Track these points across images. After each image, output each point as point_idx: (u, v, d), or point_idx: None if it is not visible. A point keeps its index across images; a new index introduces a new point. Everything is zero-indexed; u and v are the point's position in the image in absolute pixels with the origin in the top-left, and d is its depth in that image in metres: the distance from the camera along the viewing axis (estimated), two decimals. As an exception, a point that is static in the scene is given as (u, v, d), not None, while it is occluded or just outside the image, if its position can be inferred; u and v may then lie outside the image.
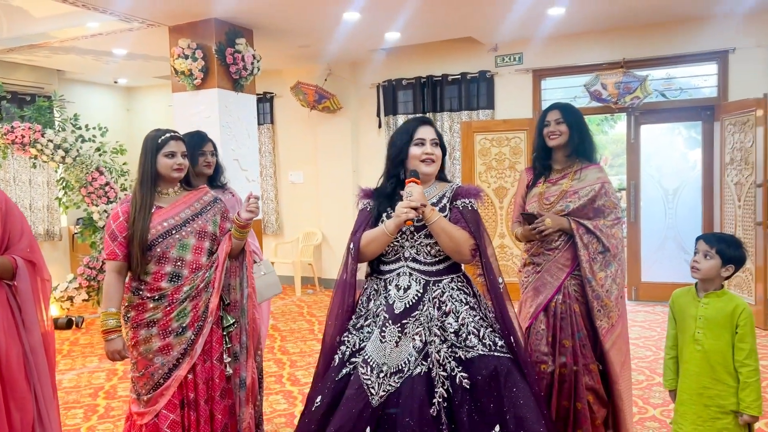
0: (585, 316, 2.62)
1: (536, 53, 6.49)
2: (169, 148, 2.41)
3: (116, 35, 5.80)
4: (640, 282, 6.40)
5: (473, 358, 2.01)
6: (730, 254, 2.19)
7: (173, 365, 2.35)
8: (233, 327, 2.48)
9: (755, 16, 5.59)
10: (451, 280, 2.16)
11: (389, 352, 2.03)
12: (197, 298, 2.38)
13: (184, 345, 2.35)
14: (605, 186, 2.68)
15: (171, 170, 2.41)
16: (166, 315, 2.34)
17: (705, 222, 6.09)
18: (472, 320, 2.08)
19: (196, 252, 2.41)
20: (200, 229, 2.43)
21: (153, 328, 2.34)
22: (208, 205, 2.51)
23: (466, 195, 2.19)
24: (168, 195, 2.46)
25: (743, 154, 5.42)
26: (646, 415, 3.46)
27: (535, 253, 2.72)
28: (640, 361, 4.44)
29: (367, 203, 2.28)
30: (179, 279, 2.37)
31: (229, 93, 5.50)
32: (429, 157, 2.18)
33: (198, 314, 2.38)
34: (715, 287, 2.22)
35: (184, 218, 2.42)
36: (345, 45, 6.39)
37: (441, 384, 1.98)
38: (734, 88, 5.78)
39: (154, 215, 2.38)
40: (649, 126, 6.38)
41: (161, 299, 2.35)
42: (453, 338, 2.04)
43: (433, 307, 2.08)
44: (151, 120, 8.41)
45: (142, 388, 2.35)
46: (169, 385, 2.33)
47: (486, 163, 6.50)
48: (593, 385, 2.58)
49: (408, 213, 2.04)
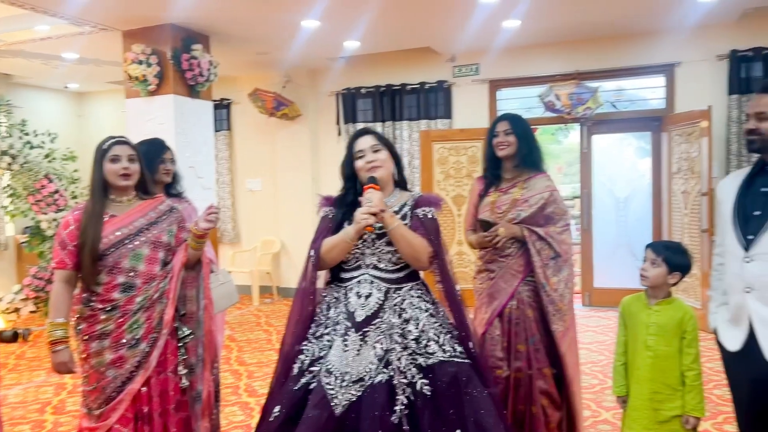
0: (538, 321, 2.68)
1: (492, 64, 6.61)
2: (113, 152, 2.33)
3: (67, 39, 5.65)
4: (592, 288, 6.56)
5: (433, 364, 2.02)
6: (676, 261, 2.27)
7: (126, 378, 2.27)
8: (189, 338, 2.42)
9: (700, 31, 5.82)
10: (411, 288, 2.17)
11: (351, 360, 2.03)
12: (151, 309, 2.31)
13: (137, 357, 2.28)
14: (554, 194, 2.75)
15: (116, 176, 2.33)
16: (118, 327, 2.27)
17: (654, 229, 6.29)
18: (431, 327, 2.09)
19: (150, 262, 2.34)
20: (155, 239, 2.37)
21: (105, 340, 2.27)
22: (164, 214, 2.44)
23: (426, 204, 2.22)
24: (122, 203, 2.39)
25: (689, 164, 5.63)
26: (599, 418, 3.54)
27: (489, 260, 2.77)
28: (593, 366, 4.55)
29: (329, 211, 2.28)
30: (132, 289, 2.30)
31: (184, 99, 5.42)
32: (372, 165, 2.19)
33: (152, 326, 2.31)
34: (664, 294, 2.29)
35: (138, 227, 2.35)
36: (304, 52, 6.38)
37: (402, 391, 1.98)
38: (680, 100, 6.01)
39: (107, 224, 2.31)
40: (600, 136, 6.57)
41: (113, 310, 2.27)
42: (413, 345, 2.05)
43: (394, 314, 2.09)
44: (103, 126, 8.19)
45: (94, 402, 2.27)
46: (122, 399, 2.25)
47: (444, 172, 6.57)
48: (547, 389, 2.63)
49: (368, 219, 2.04)
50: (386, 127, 7.03)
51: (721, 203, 2.23)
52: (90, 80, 7.84)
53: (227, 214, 7.86)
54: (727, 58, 5.73)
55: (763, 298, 2.01)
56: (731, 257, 2.13)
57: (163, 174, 3.00)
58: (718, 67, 5.81)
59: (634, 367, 2.33)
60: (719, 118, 5.65)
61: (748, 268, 2.03)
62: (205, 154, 5.72)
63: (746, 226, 2.07)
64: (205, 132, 5.73)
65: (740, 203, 2.12)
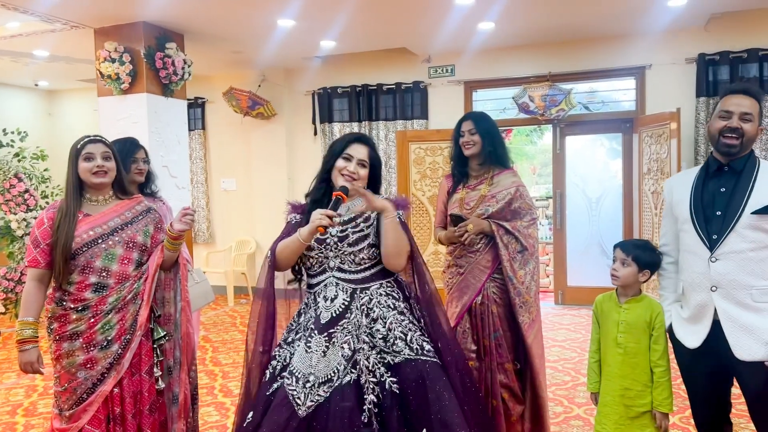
0: (502, 318, 2.75)
1: (468, 66, 6.67)
2: (87, 150, 2.32)
3: (37, 36, 5.55)
4: (566, 286, 6.66)
5: (400, 362, 2.03)
6: (645, 260, 2.32)
7: (97, 380, 2.26)
8: (165, 339, 2.41)
9: (670, 34, 5.96)
10: (380, 286, 2.16)
11: (316, 362, 2.03)
12: (123, 310, 2.30)
13: (109, 359, 2.27)
14: (520, 189, 2.82)
15: (90, 174, 2.31)
16: (90, 327, 2.26)
17: (626, 228, 6.41)
18: (399, 325, 2.09)
19: (123, 263, 2.33)
20: (129, 239, 2.35)
21: (76, 341, 2.26)
22: (141, 214, 2.43)
23: (396, 207, 2.20)
24: (97, 203, 2.38)
25: (659, 165, 5.76)
26: (571, 414, 3.60)
27: (458, 256, 2.83)
28: (565, 363, 4.62)
29: (294, 216, 2.29)
30: (104, 289, 2.29)
31: (158, 98, 5.37)
32: (350, 175, 2.17)
33: (125, 327, 2.30)
34: (634, 292, 2.34)
35: (113, 227, 2.34)
36: (279, 52, 6.37)
37: (371, 391, 1.99)
38: (651, 102, 6.14)
39: (81, 223, 2.30)
40: (573, 137, 6.67)
41: (85, 310, 2.27)
42: (381, 344, 2.06)
43: (362, 314, 2.09)
44: (74, 125, 8.08)
45: (65, 404, 2.25)
46: (93, 400, 2.24)
47: (421, 172, 6.61)
48: (508, 383, 2.71)
49: (322, 219, 2.00)
50: (363, 127, 7.04)
51: (676, 203, 2.25)
52: (61, 78, 7.71)
53: (202, 214, 7.79)
54: (695, 61, 5.87)
55: (729, 296, 2.07)
56: (692, 257, 2.17)
57: (135, 173, 2.98)
58: (686, 70, 5.95)
59: (605, 364, 2.38)
60: (688, 120, 5.78)
61: (714, 267, 2.09)
62: (179, 154, 5.67)
63: (708, 225, 2.12)
64: (179, 131, 5.68)
65: (698, 203, 2.16)
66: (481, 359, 2.71)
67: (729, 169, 2.14)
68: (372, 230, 2.19)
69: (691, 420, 3.40)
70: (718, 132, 2.12)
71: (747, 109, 2.08)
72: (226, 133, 7.69)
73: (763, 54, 5.62)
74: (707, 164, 2.21)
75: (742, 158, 2.12)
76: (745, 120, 2.09)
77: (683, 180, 2.27)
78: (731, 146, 2.09)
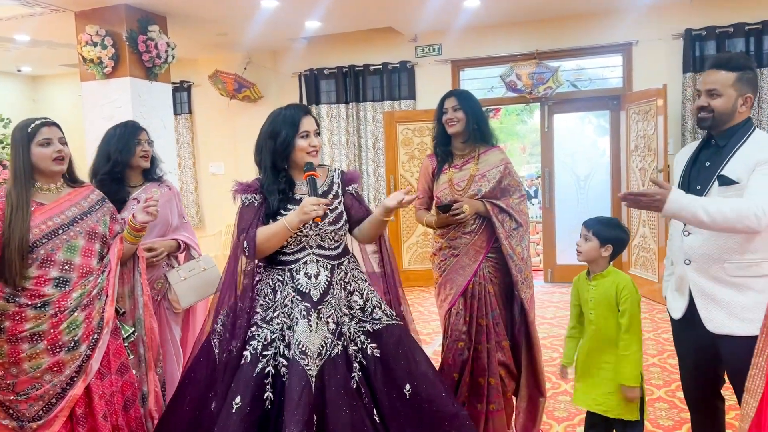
0: (498, 296, 2.77)
1: (454, 44, 6.63)
2: (42, 135, 2.14)
3: (17, 21, 5.45)
4: (555, 264, 6.70)
5: (380, 329, 2.20)
6: (605, 235, 2.31)
7: (67, 384, 2.09)
8: (133, 336, 2.32)
9: (656, 10, 5.93)
10: (348, 261, 2.30)
11: (313, 338, 2.09)
12: (90, 307, 2.15)
13: (78, 361, 2.11)
14: (508, 166, 2.82)
15: (50, 161, 2.15)
16: (53, 327, 2.08)
17: (614, 206, 6.44)
18: (372, 295, 2.28)
19: (86, 255, 2.18)
20: (90, 229, 2.22)
21: (39, 342, 2.06)
22: (96, 204, 2.30)
23: (353, 180, 2.36)
24: (49, 191, 2.20)
25: (646, 141, 5.77)
26: (559, 389, 3.65)
27: (452, 238, 2.81)
28: (554, 340, 4.67)
29: (252, 198, 2.22)
30: (67, 284, 2.12)
31: (142, 82, 5.31)
32: (315, 149, 2.21)
33: (92, 326, 2.15)
34: (601, 268, 2.34)
35: (71, 217, 2.19)
36: (265, 33, 6.30)
37: (355, 358, 2.13)
38: (638, 79, 6.13)
39: (35, 213, 2.12)
40: (561, 115, 6.67)
41: (44, 307, 2.08)
42: (359, 314, 2.21)
43: (341, 289, 2.20)
44: (60, 111, 7.98)
45: (26, 412, 2.05)
46: (65, 405, 2.08)
47: (409, 153, 6.60)
48: (505, 360, 2.74)
49: (318, 210, 2.06)
50: (350, 108, 7.01)
51: (674, 177, 2.31)
52: (44, 63, 7.60)
53: (191, 199, 7.76)
54: (681, 37, 5.86)
55: (700, 269, 2.09)
56: (674, 230, 2.23)
57: (141, 157, 2.79)
58: (673, 45, 5.94)
59: (585, 339, 2.41)
60: (674, 96, 5.79)
61: (686, 240, 2.12)
62: (166, 138, 5.62)
63: None
64: (164, 115, 5.62)
65: (687, 177, 2.19)
66: (471, 339, 2.72)
67: (714, 143, 2.14)
68: (341, 206, 2.29)
69: (677, 393, 3.47)
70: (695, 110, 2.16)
71: (712, 85, 2.07)
72: (213, 117, 7.63)
73: (750, 29, 5.61)
74: (703, 139, 2.23)
75: (726, 132, 2.10)
76: (712, 95, 2.08)
77: (684, 153, 2.29)
78: (702, 121, 2.12)
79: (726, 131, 2.11)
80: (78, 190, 2.29)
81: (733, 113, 2.09)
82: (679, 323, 2.23)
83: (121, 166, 2.75)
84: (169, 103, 5.71)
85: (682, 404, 3.30)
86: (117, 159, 2.72)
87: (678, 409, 3.30)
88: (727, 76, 2.06)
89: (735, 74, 2.06)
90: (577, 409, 3.28)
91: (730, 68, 2.07)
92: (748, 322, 1.98)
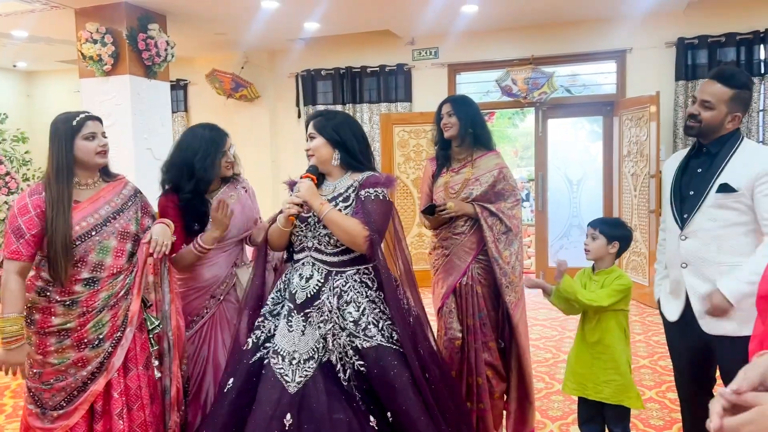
0: (486, 298, 2.82)
1: (451, 48, 6.70)
2: (88, 129, 2.15)
3: (16, 16, 5.46)
4: (547, 267, 6.77)
5: (370, 348, 2.05)
6: (611, 233, 2.44)
7: (88, 379, 2.12)
8: (159, 328, 2.28)
9: (650, 19, 6.03)
10: (356, 272, 2.16)
11: (297, 340, 2.09)
12: (116, 307, 2.16)
13: (100, 357, 2.13)
14: (503, 171, 2.87)
15: (94, 154, 2.16)
16: (81, 326, 2.11)
17: (605, 210, 6.53)
18: (371, 312, 2.11)
19: (117, 255, 2.17)
20: (122, 229, 2.19)
21: (66, 339, 2.11)
22: (129, 200, 2.27)
23: (371, 185, 2.17)
24: (86, 187, 2.19)
25: (639, 147, 5.86)
26: (552, 389, 3.71)
27: (443, 238, 2.88)
28: (546, 341, 4.74)
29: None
30: (96, 284, 2.14)
31: (141, 80, 5.33)
32: (307, 153, 2.25)
33: (116, 324, 2.16)
34: (607, 265, 2.46)
35: (104, 216, 2.17)
36: (263, 33, 6.33)
37: (348, 368, 2.07)
38: (631, 86, 6.23)
39: (74, 211, 2.11)
40: (555, 120, 6.75)
41: (73, 305, 2.10)
42: (352, 327, 2.07)
43: (333, 296, 2.11)
44: (54, 106, 7.91)
45: (49, 401, 2.11)
46: (85, 399, 2.11)
47: (405, 155, 6.66)
48: (492, 361, 2.78)
49: (290, 209, 2.10)
50: (346, 109, 7.05)
51: (664, 183, 2.37)
52: (40, 59, 7.59)
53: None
54: (674, 45, 5.96)
55: (697, 272, 2.16)
56: (669, 235, 2.30)
57: (225, 167, 2.57)
58: (666, 53, 6.04)
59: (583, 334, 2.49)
60: (667, 103, 5.89)
61: (683, 245, 2.18)
62: (163, 136, 5.65)
63: (682, 205, 2.21)
64: (163, 113, 5.65)
65: (678, 183, 2.25)
66: (464, 338, 2.78)
67: (706, 151, 2.20)
68: (350, 211, 2.16)
69: (667, 394, 3.55)
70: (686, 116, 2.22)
71: (707, 97, 2.12)
72: (209, 116, 7.57)
73: (741, 38, 5.73)
74: (692, 146, 2.28)
75: (717, 140, 2.16)
76: (704, 107, 2.13)
77: (674, 160, 2.35)
78: (689, 128, 2.18)
79: (716, 140, 2.16)
80: (111, 184, 2.27)
81: (720, 127, 2.14)
82: (674, 325, 2.29)
83: (205, 184, 2.53)
84: (168, 102, 5.74)
85: (672, 404, 3.39)
86: (202, 177, 2.48)
87: (669, 409, 3.38)
88: (723, 91, 2.11)
89: (732, 91, 2.11)
90: (571, 408, 3.34)
91: (730, 84, 2.11)
92: (742, 324, 2.06)
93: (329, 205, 2.12)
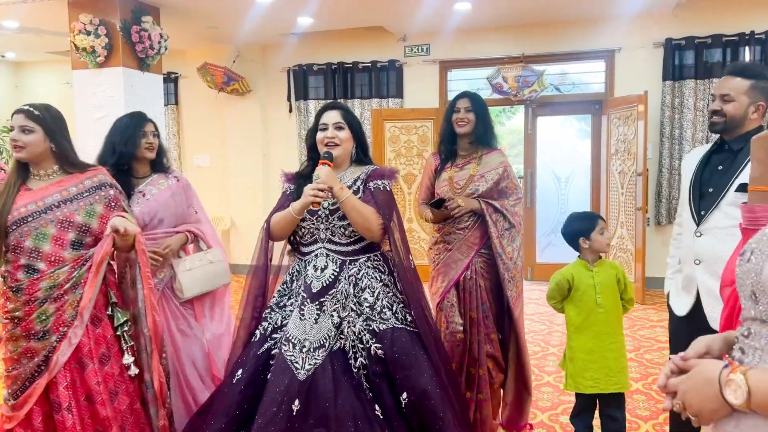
0: (489, 291, 2.88)
1: (443, 45, 6.75)
2: (11, 123, 2.18)
3: (7, 7, 5.41)
4: (535, 263, 6.87)
5: (386, 330, 2.12)
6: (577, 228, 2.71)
7: (35, 371, 2.13)
8: (126, 325, 2.28)
9: (639, 19, 6.13)
10: (368, 259, 2.25)
11: (309, 328, 2.13)
12: (61, 299, 2.14)
13: (45, 351, 2.13)
14: (507, 169, 2.94)
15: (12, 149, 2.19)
16: (26, 315, 2.13)
17: (593, 207, 6.63)
18: (385, 296, 2.19)
19: (57, 243, 2.16)
20: (64, 218, 2.17)
21: (17, 327, 2.14)
22: (88, 191, 2.25)
23: (378, 177, 2.28)
24: (39, 177, 2.23)
25: (626, 146, 5.97)
26: (542, 381, 3.80)
27: (446, 233, 2.93)
28: (535, 335, 4.83)
29: (288, 187, 2.37)
30: (35, 272, 2.14)
31: (134, 72, 5.32)
32: (330, 141, 2.26)
33: (63, 318, 2.14)
34: (597, 257, 2.65)
35: (48, 204, 2.18)
36: (256, 28, 6.34)
37: (359, 355, 2.11)
38: (619, 85, 6.33)
39: (19, 198, 2.16)
40: (544, 118, 6.84)
41: (18, 291, 2.14)
42: (368, 311, 2.14)
43: (349, 284, 2.18)
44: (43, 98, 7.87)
45: (9, 388, 2.16)
46: (32, 392, 2.12)
47: (395, 150, 6.71)
48: (493, 352, 2.85)
49: (315, 195, 2.11)
50: (338, 104, 7.07)
51: (683, 178, 2.37)
52: (29, 49, 7.53)
53: (175, 190, 7.75)
54: (662, 46, 6.07)
55: (710, 270, 2.15)
56: (685, 231, 2.29)
57: (146, 149, 2.75)
58: (654, 54, 6.14)
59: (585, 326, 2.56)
60: (654, 103, 6.00)
61: (698, 241, 2.18)
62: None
63: (700, 202, 2.21)
64: (155, 106, 5.63)
65: (698, 179, 2.25)
66: (466, 331, 2.83)
67: (728, 148, 2.20)
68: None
69: (653, 386, 3.65)
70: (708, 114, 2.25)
71: (726, 91, 2.15)
72: (200, 109, 7.64)
73: (727, 40, 5.84)
74: (714, 142, 2.29)
75: (740, 137, 2.16)
76: (725, 101, 2.15)
77: (694, 156, 2.35)
78: (713, 125, 2.20)
79: (739, 136, 2.15)
80: (74, 175, 2.26)
81: (744, 119, 2.16)
82: (682, 319, 2.29)
83: (126, 158, 2.71)
84: (160, 94, 5.73)
85: (658, 396, 3.48)
86: (122, 151, 2.69)
87: (654, 400, 3.48)
88: (741, 83, 2.14)
89: (749, 82, 2.13)
90: (560, 399, 3.43)
91: (745, 76, 2.14)
92: None
93: (348, 191, 2.18)
